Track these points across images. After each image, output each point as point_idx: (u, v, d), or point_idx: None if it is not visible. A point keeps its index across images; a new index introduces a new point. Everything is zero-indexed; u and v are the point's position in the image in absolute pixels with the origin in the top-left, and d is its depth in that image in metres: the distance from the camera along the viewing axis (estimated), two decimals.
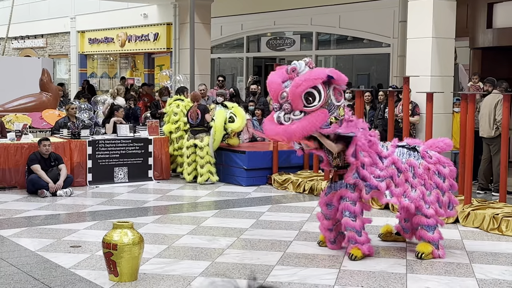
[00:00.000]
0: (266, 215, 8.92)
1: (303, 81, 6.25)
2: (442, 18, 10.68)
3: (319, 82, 6.30)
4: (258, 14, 18.00)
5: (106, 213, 8.90)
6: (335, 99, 6.44)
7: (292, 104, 6.30)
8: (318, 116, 6.29)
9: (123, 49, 21.51)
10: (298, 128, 6.29)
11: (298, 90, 6.24)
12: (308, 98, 6.29)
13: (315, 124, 6.32)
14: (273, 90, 6.48)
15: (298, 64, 6.42)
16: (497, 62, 13.17)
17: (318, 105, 6.30)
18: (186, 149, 11.65)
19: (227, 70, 20.71)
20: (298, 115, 6.30)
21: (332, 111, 6.42)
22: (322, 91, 6.31)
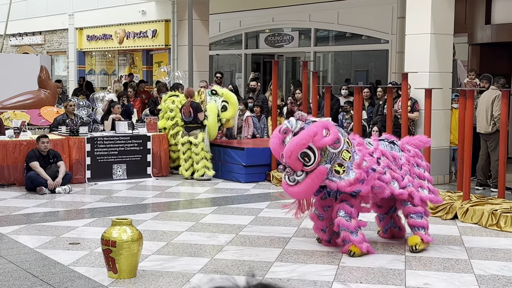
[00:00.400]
0: (265, 211, 8.92)
1: (292, 150, 6.45)
2: (440, 14, 10.68)
3: (310, 142, 6.45)
4: (257, 11, 17.98)
5: (105, 210, 8.90)
6: (332, 148, 6.59)
7: (291, 167, 6.57)
8: (317, 175, 6.55)
9: (121, 46, 21.47)
10: (302, 191, 6.67)
11: (292, 158, 6.47)
12: (304, 158, 6.50)
13: (316, 184, 6.61)
14: (275, 154, 6.92)
15: (289, 124, 6.61)
16: (495, 58, 13.17)
17: (315, 163, 6.51)
18: (181, 145, 11.67)
19: (226, 67, 20.70)
20: (300, 175, 6.57)
21: (334, 160, 6.60)
22: (315, 149, 6.50)
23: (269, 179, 11.29)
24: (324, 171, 6.55)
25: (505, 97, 8.71)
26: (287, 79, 18.41)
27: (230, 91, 12.04)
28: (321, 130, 6.49)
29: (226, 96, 11.71)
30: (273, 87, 12.32)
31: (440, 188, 9.56)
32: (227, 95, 11.74)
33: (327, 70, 17.86)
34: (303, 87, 11.99)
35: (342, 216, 6.70)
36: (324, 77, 17.39)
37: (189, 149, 11.65)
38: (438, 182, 10.67)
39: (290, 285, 5.73)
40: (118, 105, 12.50)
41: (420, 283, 5.86)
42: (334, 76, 17.51)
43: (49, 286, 5.66)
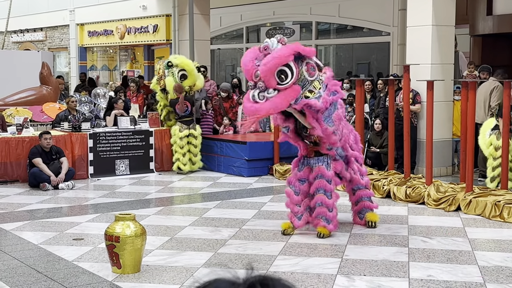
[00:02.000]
0: (268, 205, 8.93)
1: (271, 59, 6.38)
2: (442, 6, 10.64)
3: (289, 59, 6.44)
4: (257, 4, 17.95)
5: (108, 206, 8.91)
6: (308, 74, 6.61)
7: (265, 82, 6.44)
8: (289, 92, 6.47)
9: (123, 41, 21.46)
10: (271, 105, 6.46)
11: (269, 69, 6.38)
12: (281, 76, 6.44)
13: (287, 100, 6.49)
14: (247, 70, 6.64)
15: (270, 42, 6.56)
16: (497, 49, 13.13)
17: (291, 82, 6.47)
18: (180, 140, 11.64)
19: (227, 61, 20.68)
20: (272, 93, 6.44)
21: (306, 86, 6.61)
22: (294, 68, 6.48)
23: (271, 173, 11.30)
24: (298, 90, 6.52)
25: (508, 88, 8.69)
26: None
27: (187, 59, 11.91)
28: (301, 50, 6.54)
29: (182, 65, 11.54)
30: None
31: (443, 180, 9.57)
32: (183, 62, 11.60)
33: (329, 63, 17.84)
34: None
35: (323, 194, 6.96)
36: None
37: (188, 142, 11.67)
38: (440, 174, 10.68)
39: (294, 278, 5.73)
40: (120, 101, 12.51)
41: (424, 275, 5.86)
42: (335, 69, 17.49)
43: (54, 282, 5.68)
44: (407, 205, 8.87)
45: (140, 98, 14.66)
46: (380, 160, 10.85)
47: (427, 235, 7.29)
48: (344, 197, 8.03)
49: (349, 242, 6.97)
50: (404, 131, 9.64)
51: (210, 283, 1.41)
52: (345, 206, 7.94)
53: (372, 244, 6.93)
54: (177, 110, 11.66)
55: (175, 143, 11.64)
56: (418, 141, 10.78)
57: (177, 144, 11.63)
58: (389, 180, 9.49)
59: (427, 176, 9.17)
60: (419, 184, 9.16)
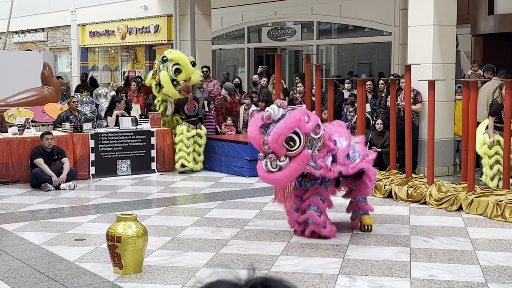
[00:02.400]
0: (270, 205, 8.92)
1: (279, 134, 6.49)
2: (443, 5, 10.64)
3: (294, 127, 6.52)
4: (259, 5, 17.95)
5: (110, 206, 8.91)
6: (314, 133, 6.68)
7: (275, 153, 6.59)
8: (301, 159, 6.61)
9: (124, 42, 21.47)
10: (286, 176, 6.65)
11: (278, 143, 6.51)
12: (289, 143, 6.55)
13: (300, 168, 6.66)
14: (254, 142, 6.83)
15: (272, 110, 6.64)
16: (498, 49, 13.12)
17: (300, 147, 6.59)
18: (187, 140, 11.70)
19: (229, 61, 20.68)
20: (284, 160, 6.60)
21: (315, 145, 6.71)
22: (301, 133, 6.57)
23: None
24: (308, 155, 6.63)
25: (510, 87, 8.68)
26: (290, 72, 18.39)
27: (181, 54, 12.02)
28: (303, 116, 6.61)
29: (176, 59, 11.73)
30: (276, 81, 12.30)
31: (445, 180, 9.56)
32: (177, 57, 11.78)
33: (330, 63, 17.84)
34: (305, 81, 11.97)
35: (315, 211, 6.93)
36: (327, 70, 17.37)
37: (194, 142, 11.74)
38: (442, 174, 10.67)
39: (295, 279, 5.74)
40: (123, 101, 12.53)
41: (426, 275, 5.86)
42: (337, 69, 17.49)
43: (55, 282, 5.68)
44: (408, 205, 8.87)
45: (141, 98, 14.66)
46: (382, 160, 10.84)
47: (428, 235, 7.29)
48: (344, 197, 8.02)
49: (351, 242, 6.96)
50: (405, 131, 9.63)
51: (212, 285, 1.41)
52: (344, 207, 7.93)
53: (374, 244, 6.93)
54: (186, 111, 11.74)
55: (181, 142, 11.68)
56: (419, 141, 10.77)
57: (184, 143, 11.68)
58: (390, 180, 9.49)
59: (428, 176, 9.16)
60: (420, 184, 9.16)
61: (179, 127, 11.84)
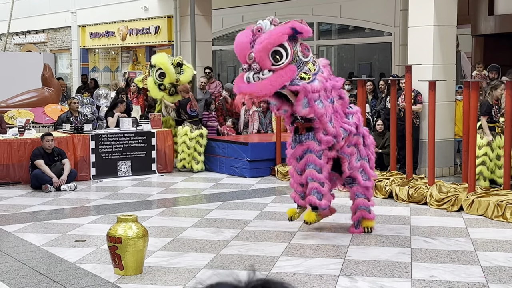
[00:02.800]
0: (270, 206, 8.92)
1: (266, 39, 6.33)
2: (443, 6, 10.64)
3: (283, 39, 6.39)
4: (259, 5, 17.95)
5: (110, 207, 8.91)
6: (302, 55, 6.57)
7: (260, 64, 6.38)
8: (286, 72, 6.42)
9: (124, 43, 21.48)
10: (267, 84, 6.40)
11: (263, 50, 6.32)
12: (275, 57, 6.40)
13: (284, 79, 6.44)
14: (240, 51, 6.59)
15: (263, 23, 6.54)
16: (499, 49, 13.12)
17: (286, 62, 6.42)
18: (190, 140, 11.75)
19: (229, 62, 20.69)
20: (267, 74, 6.40)
21: (301, 67, 6.56)
22: (289, 48, 6.44)
23: (273, 173, 11.29)
24: (294, 69, 6.46)
25: (510, 88, 8.68)
26: None
27: (164, 58, 12.14)
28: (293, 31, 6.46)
29: (158, 64, 11.98)
30: None
31: (445, 180, 9.56)
32: (159, 62, 12.00)
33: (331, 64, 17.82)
34: None
35: (313, 169, 6.84)
36: None
37: (197, 142, 11.83)
38: (443, 174, 10.67)
39: (296, 279, 5.73)
40: (124, 102, 12.57)
41: (426, 275, 5.85)
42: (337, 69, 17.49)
43: (56, 284, 5.68)
44: (409, 206, 8.86)
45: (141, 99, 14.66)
46: (382, 161, 10.84)
47: (429, 235, 7.28)
48: (346, 198, 8.01)
49: (351, 243, 6.96)
50: (406, 131, 9.63)
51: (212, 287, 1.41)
52: (346, 207, 7.93)
53: (375, 244, 6.92)
54: (188, 110, 11.82)
55: (184, 143, 11.74)
56: (420, 142, 10.77)
57: (186, 144, 11.74)
58: (391, 180, 9.48)
59: (429, 176, 9.16)
60: (421, 184, 9.15)
61: (182, 128, 11.88)
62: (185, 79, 12.09)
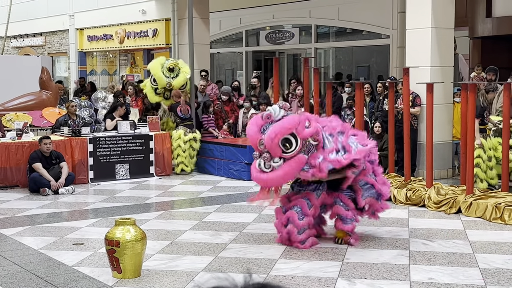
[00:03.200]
0: (269, 209, 8.90)
1: (277, 133, 6.44)
2: (441, 8, 10.65)
3: (293, 130, 6.47)
4: (257, 8, 17.95)
5: (108, 210, 8.90)
6: (313, 139, 6.59)
7: (270, 153, 6.50)
8: (295, 163, 6.52)
9: (122, 46, 21.47)
10: (278, 177, 6.56)
11: (274, 142, 6.44)
12: (285, 144, 6.49)
13: (294, 171, 6.57)
14: (252, 140, 6.76)
15: (273, 110, 6.62)
16: (496, 51, 13.13)
17: (296, 150, 6.50)
18: (184, 143, 11.84)
19: (227, 65, 20.69)
20: (278, 161, 6.51)
21: (312, 151, 6.59)
22: (298, 137, 6.50)
23: None
24: (304, 160, 6.52)
25: (508, 89, 8.69)
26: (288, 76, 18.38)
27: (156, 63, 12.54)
28: (304, 120, 6.54)
29: (150, 69, 12.52)
30: (274, 85, 12.31)
31: (443, 182, 9.56)
32: (151, 67, 12.53)
33: (328, 66, 17.84)
34: (304, 84, 11.97)
35: (296, 212, 6.79)
36: (325, 73, 17.37)
37: (190, 146, 11.92)
38: (441, 177, 10.67)
39: (295, 282, 5.73)
40: (124, 107, 12.59)
41: (425, 278, 5.85)
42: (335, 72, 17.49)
43: (54, 287, 5.67)
44: (407, 208, 8.86)
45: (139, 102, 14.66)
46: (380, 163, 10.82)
47: (427, 237, 7.28)
48: None
49: (350, 246, 6.95)
50: (404, 133, 9.64)
51: None
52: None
53: (373, 247, 6.92)
54: (178, 113, 11.96)
55: (179, 147, 11.82)
56: (418, 144, 10.77)
57: (181, 147, 11.81)
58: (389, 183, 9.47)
59: (427, 178, 9.16)
60: (419, 186, 9.15)
61: (176, 131, 11.99)
62: (178, 83, 12.30)
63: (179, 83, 12.29)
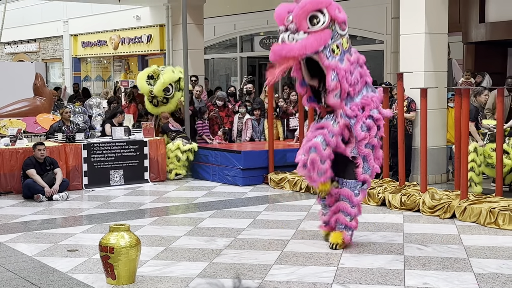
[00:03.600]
0: (263, 214, 8.91)
1: (308, 3, 6.40)
2: (434, 14, 10.68)
3: (324, 6, 6.45)
4: (251, 14, 17.98)
5: (103, 216, 8.88)
6: (339, 27, 6.58)
7: (297, 24, 6.40)
8: (321, 36, 6.41)
9: (117, 52, 21.47)
10: (300, 45, 6.37)
11: (303, 11, 6.37)
12: (312, 21, 6.43)
13: (318, 43, 6.40)
14: (279, 15, 6.63)
15: None
16: (490, 56, 13.19)
17: (323, 26, 6.42)
18: (182, 153, 11.99)
19: (221, 71, 20.70)
20: (302, 35, 6.39)
21: (335, 39, 6.54)
22: (327, 14, 6.46)
23: (266, 181, 11.28)
24: (329, 34, 6.45)
25: (501, 95, 8.72)
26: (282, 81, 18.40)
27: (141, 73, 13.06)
28: (336, 4, 6.57)
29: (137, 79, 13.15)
30: (268, 90, 12.32)
31: (438, 187, 9.57)
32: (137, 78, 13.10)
33: None
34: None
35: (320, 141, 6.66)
36: None
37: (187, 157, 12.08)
38: (435, 181, 10.69)
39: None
40: (123, 114, 12.60)
41: (420, 282, 5.85)
42: None
43: None
44: (402, 213, 8.87)
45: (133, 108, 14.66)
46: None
47: (422, 242, 7.28)
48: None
49: (345, 251, 6.95)
50: (398, 138, 9.65)
51: None
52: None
53: (368, 252, 6.92)
54: (172, 128, 12.43)
55: (176, 156, 11.88)
56: (412, 149, 10.79)
57: (178, 157, 11.96)
58: (384, 188, 9.49)
59: (421, 183, 9.17)
60: (414, 191, 9.16)
61: (173, 143, 12.14)
62: (156, 90, 12.59)
63: (156, 90, 12.58)
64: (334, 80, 6.58)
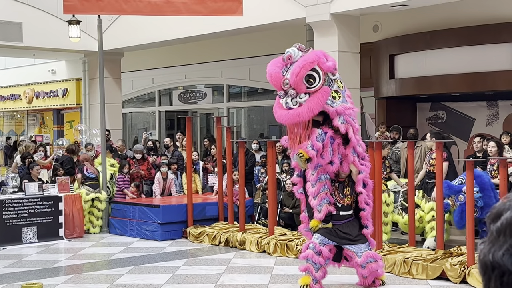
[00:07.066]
0: (182, 269, 8.80)
1: (300, 68, 6.75)
2: (347, 69, 11.06)
3: (315, 64, 6.82)
4: (169, 68, 18.09)
5: (14, 276, 8.53)
6: (331, 74, 6.98)
7: (296, 89, 6.80)
8: (322, 94, 6.84)
9: (31, 106, 21.01)
10: (306, 108, 6.80)
11: (299, 77, 6.74)
12: (309, 80, 6.81)
13: (321, 101, 6.85)
14: (274, 80, 7.00)
15: (292, 51, 6.94)
16: (401, 110, 13.72)
17: (319, 84, 6.84)
18: (100, 203, 11.77)
19: (139, 124, 20.59)
20: (304, 97, 6.80)
21: (332, 85, 6.96)
22: (320, 71, 6.86)
23: (185, 236, 11.18)
24: (328, 91, 6.85)
25: (411, 148, 9.07)
26: (201, 135, 18.48)
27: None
28: (322, 56, 6.93)
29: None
30: (187, 144, 12.32)
31: None
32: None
33: (241, 125, 18.07)
34: (217, 143, 12.07)
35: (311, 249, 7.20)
36: (238, 132, 17.58)
37: (94, 206, 11.93)
38: None
39: None
40: (37, 167, 12.19)
41: None
42: (248, 131, 17.74)
43: None
44: None
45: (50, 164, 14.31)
46: (293, 220, 10.95)
47: None
48: None
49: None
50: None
51: None
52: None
53: None
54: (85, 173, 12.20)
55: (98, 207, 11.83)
56: None
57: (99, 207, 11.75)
58: (302, 239, 9.57)
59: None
60: None
61: (78, 190, 11.95)
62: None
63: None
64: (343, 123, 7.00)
